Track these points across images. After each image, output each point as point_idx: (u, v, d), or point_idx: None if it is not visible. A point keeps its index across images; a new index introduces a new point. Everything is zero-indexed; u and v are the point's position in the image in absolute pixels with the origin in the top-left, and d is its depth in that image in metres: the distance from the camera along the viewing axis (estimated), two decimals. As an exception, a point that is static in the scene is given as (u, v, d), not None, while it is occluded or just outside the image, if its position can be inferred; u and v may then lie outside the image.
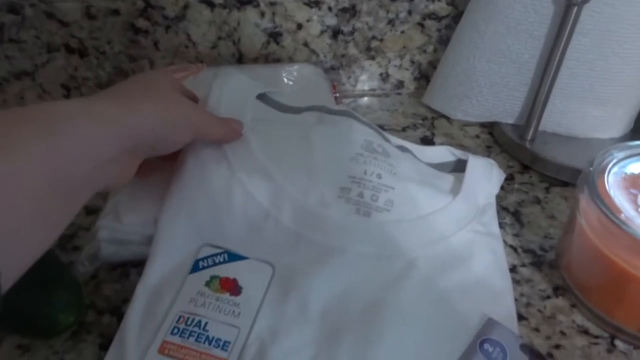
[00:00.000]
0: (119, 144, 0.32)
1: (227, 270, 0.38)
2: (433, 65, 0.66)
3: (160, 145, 0.36)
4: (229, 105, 0.45)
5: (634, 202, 0.37)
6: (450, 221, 0.43)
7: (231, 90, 0.46)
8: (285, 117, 0.47)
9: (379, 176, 0.43)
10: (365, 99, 0.66)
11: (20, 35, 0.56)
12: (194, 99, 0.43)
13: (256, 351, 0.35)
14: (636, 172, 0.40)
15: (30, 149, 0.27)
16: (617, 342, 0.39)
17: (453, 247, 0.42)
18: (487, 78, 0.56)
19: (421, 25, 0.62)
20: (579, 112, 0.55)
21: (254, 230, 0.40)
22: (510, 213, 0.50)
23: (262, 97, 0.48)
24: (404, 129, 0.61)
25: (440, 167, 0.50)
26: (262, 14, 0.59)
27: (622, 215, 0.36)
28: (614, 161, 0.40)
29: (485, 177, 0.47)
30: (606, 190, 0.38)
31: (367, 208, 0.42)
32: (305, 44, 0.62)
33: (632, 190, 0.38)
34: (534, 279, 0.44)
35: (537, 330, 0.40)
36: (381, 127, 0.50)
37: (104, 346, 0.37)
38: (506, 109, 0.58)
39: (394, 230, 0.42)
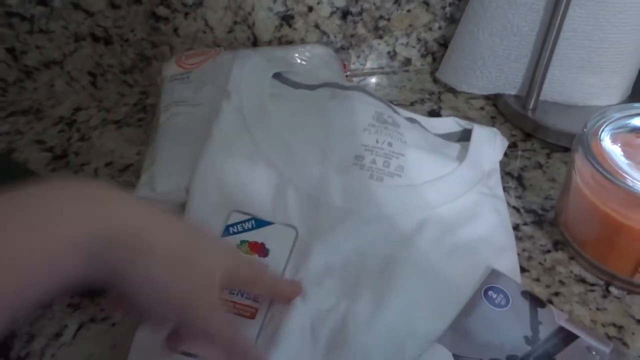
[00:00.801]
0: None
1: (255, 236, 0.42)
2: (439, 42, 0.68)
3: None
4: (249, 85, 0.48)
5: (626, 158, 0.40)
6: (457, 185, 0.47)
7: (250, 70, 0.50)
8: (300, 93, 0.51)
9: (390, 144, 0.47)
10: (375, 77, 0.69)
11: (49, 26, 0.60)
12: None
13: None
14: (628, 131, 0.43)
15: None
16: (612, 289, 0.43)
17: (460, 207, 0.46)
18: (490, 51, 0.59)
19: (426, 3, 0.65)
20: (578, 80, 0.57)
21: (277, 197, 0.44)
22: (513, 177, 0.54)
23: (277, 76, 0.51)
24: (412, 104, 0.64)
25: (447, 137, 0.53)
26: (275, -2, 0.62)
27: (614, 171, 0.39)
28: (607, 122, 0.43)
29: (489, 144, 0.51)
30: (599, 148, 0.41)
31: (380, 173, 0.46)
32: (316, 26, 0.65)
33: (624, 148, 0.41)
34: (535, 236, 0.47)
35: (537, 280, 0.43)
36: (390, 102, 0.53)
37: (146, 303, 0.41)
38: (508, 80, 0.61)
39: (405, 193, 0.45)
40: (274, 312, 0.38)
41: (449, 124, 0.54)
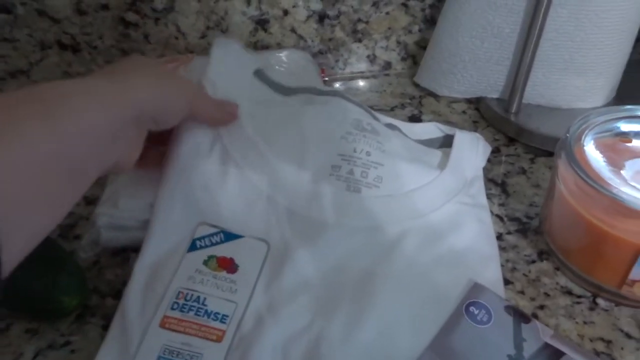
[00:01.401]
0: (119, 117, 0.32)
1: (224, 250, 0.40)
2: (419, 45, 0.67)
3: (160, 117, 0.36)
4: (226, 81, 0.45)
5: (610, 165, 0.39)
6: (437, 194, 0.45)
7: (229, 65, 0.46)
8: (277, 97, 0.49)
9: (368, 153, 0.45)
10: (354, 81, 0.67)
11: (13, 34, 0.58)
12: None
13: (254, 323, 0.37)
14: (612, 135, 0.41)
15: (27, 131, 0.27)
16: (599, 301, 0.41)
17: (441, 218, 0.44)
18: (470, 54, 0.57)
19: (405, 5, 0.63)
20: (561, 83, 0.56)
21: (248, 209, 0.42)
22: (497, 184, 0.52)
23: (257, 73, 0.49)
24: (392, 109, 0.62)
25: (428, 143, 0.51)
26: (249, 2, 0.60)
27: (598, 178, 0.37)
28: (591, 126, 0.41)
29: (471, 150, 0.49)
30: (582, 154, 0.39)
31: (357, 184, 0.43)
32: (293, 30, 0.63)
33: (608, 154, 0.39)
34: (519, 245, 0.45)
35: (522, 293, 0.42)
36: (370, 107, 0.51)
37: (108, 327, 0.38)
38: (490, 83, 0.59)
39: (383, 204, 0.43)
40: (243, 334, 0.36)
41: (430, 129, 0.52)
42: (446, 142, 0.50)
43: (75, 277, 0.40)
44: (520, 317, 0.37)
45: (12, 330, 0.39)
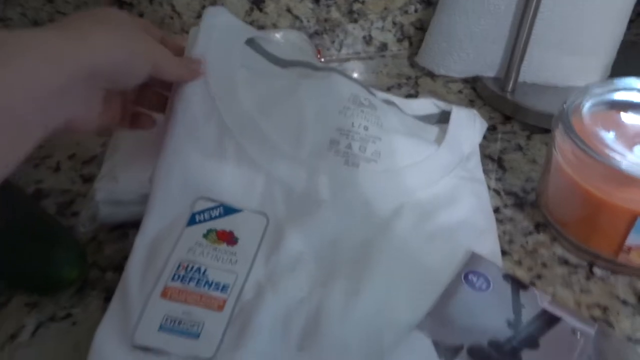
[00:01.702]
0: (66, 73, 0.30)
1: (223, 224, 0.40)
2: (415, 25, 0.67)
3: (117, 77, 0.34)
4: (217, 51, 0.44)
5: (607, 134, 0.39)
6: (435, 169, 0.45)
7: (220, 32, 0.45)
8: (273, 69, 0.48)
9: (366, 128, 0.45)
10: (350, 62, 0.68)
11: (6, 13, 0.57)
12: (158, 39, 0.41)
13: (254, 294, 0.37)
14: (609, 107, 0.41)
15: None
16: (596, 270, 0.41)
17: (438, 192, 0.44)
18: (467, 32, 0.57)
19: (401, -15, 0.63)
20: (556, 61, 0.56)
21: (247, 183, 0.42)
22: (493, 160, 0.52)
23: (250, 42, 0.47)
24: (388, 89, 0.62)
25: (425, 119, 0.51)
26: (244, -18, 0.60)
27: (595, 147, 0.38)
28: (588, 98, 0.42)
29: (468, 126, 0.49)
30: (580, 124, 0.40)
31: (356, 159, 0.44)
32: (288, 10, 0.63)
33: (605, 124, 0.40)
34: (516, 218, 0.46)
35: (519, 263, 0.42)
36: (366, 86, 0.51)
37: (109, 299, 0.38)
38: (487, 62, 0.59)
39: (381, 179, 0.44)
40: (244, 303, 0.36)
41: (427, 105, 0.52)
42: (443, 118, 0.50)
43: (73, 249, 0.40)
44: (518, 284, 0.38)
45: (12, 304, 0.39)
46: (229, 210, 0.41)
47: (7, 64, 0.28)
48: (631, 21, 0.57)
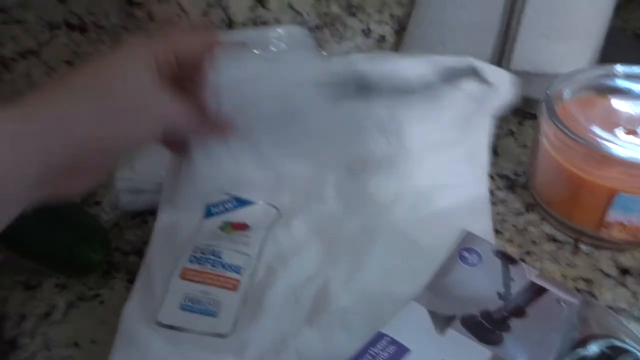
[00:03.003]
0: (23, 159, 0.27)
1: (237, 216, 0.43)
2: (410, 16, 0.69)
3: (100, 157, 0.31)
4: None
5: (587, 118, 0.42)
6: (438, 154, 0.47)
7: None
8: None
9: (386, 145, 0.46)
10: (350, 55, 0.70)
11: (23, 15, 0.60)
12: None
13: (265, 273, 0.40)
14: (590, 91, 0.44)
15: None
16: (581, 245, 0.45)
17: (437, 175, 0.47)
18: (456, 21, 0.60)
19: (397, -21, 0.66)
20: (545, 48, 0.59)
21: (259, 177, 0.44)
22: (486, 145, 0.55)
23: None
24: (387, 79, 0.65)
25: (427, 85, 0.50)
26: (248, -21, 0.62)
27: (576, 129, 0.41)
28: (571, 84, 0.45)
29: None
30: (562, 109, 0.43)
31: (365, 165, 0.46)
32: (290, 6, 0.66)
33: (586, 109, 0.43)
34: (508, 200, 0.49)
35: (510, 241, 0.45)
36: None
37: (132, 281, 0.42)
38: (478, 51, 0.62)
39: (389, 166, 0.46)
40: (256, 283, 0.39)
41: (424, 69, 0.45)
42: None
43: (98, 234, 0.44)
44: (508, 259, 0.41)
45: (43, 286, 0.43)
46: (242, 203, 0.44)
47: None
48: (619, 7, 0.59)
